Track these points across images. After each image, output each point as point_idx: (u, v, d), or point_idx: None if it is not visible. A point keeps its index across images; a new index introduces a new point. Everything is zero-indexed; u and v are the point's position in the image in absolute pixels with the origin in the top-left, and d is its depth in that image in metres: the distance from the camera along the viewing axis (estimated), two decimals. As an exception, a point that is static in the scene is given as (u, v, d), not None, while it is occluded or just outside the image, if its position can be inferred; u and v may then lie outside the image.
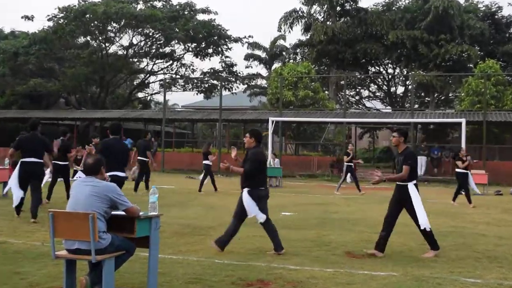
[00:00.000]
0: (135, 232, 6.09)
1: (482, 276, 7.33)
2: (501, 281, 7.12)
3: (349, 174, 20.75)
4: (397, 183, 8.67)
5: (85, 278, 5.91)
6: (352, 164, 20.57)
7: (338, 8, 41.25)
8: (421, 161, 28.99)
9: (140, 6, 42.64)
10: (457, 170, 17.47)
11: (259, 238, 9.77)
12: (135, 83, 51.67)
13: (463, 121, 25.67)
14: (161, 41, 43.46)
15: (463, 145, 24.02)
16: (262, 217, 8.46)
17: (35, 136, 11.64)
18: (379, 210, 14.78)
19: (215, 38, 43.09)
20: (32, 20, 42.21)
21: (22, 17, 41.70)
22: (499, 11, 41.36)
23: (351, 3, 40.79)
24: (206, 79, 45.58)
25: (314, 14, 42.35)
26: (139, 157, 18.53)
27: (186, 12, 42.14)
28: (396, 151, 9.11)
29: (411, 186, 8.51)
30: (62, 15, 40.34)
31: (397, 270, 7.55)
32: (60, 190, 14.37)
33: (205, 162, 19.42)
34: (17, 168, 11.61)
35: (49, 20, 41.03)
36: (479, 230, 11.40)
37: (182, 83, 45.46)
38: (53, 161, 13.43)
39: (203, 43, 43.73)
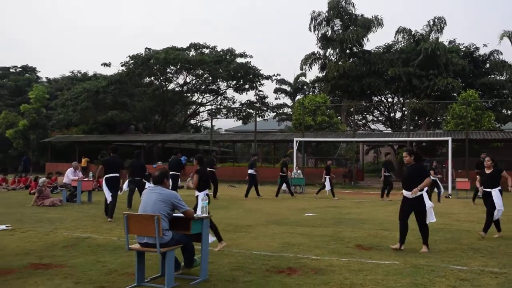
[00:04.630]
0: (191, 230, 6.15)
1: (467, 264, 7.18)
2: (483, 267, 6.97)
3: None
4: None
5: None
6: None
7: (348, 51, 41.12)
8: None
9: (192, 53, 43.14)
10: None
11: (288, 234, 9.75)
12: (188, 112, 52.19)
13: (449, 139, 25.22)
14: (209, 80, 43.86)
15: (450, 158, 23.61)
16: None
17: (115, 158, 12.50)
18: (384, 211, 14.63)
19: (251, 76, 43.30)
20: (110, 66, 43.11)
21: (101, 64, 42.74)
22: (476, 50, 40.71)
23: (358, 46, 40.60)
24: (243, 108, 45.79)
25: (329, 56, 42.30)
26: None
27: (228, 57, 42.46)
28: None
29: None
30: (132, 61, 41.06)
31: (398, 259, 7.45)
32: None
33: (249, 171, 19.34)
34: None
35: (122, 65, 41.85)
36: (464, 227, 11.17)
37: (225, 112, 45.74)
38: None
39: (241, 81, 43.99)
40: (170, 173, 16.50)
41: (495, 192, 9.49)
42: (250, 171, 19.30)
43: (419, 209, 8.03)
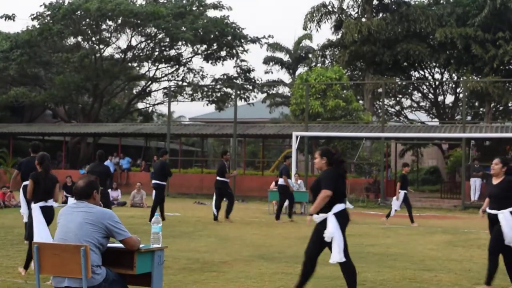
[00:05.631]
0: (135, 268, 6.09)
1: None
2: None
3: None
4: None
5: None
6: None
7: (375, 2, 41.27)
8: (475, 183, 28.80)
9: (141, 1, 42.95)
10: None
11: (283, 275, 9.77)
12: (134, 91, 51.90)
13: (525, 135, 25.46)
14: (165, 43, 43.62)
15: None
16: None
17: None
18: (424, 242, 14.72)
19: (229, 38, 43.14)
20: (14, 20, 42.59)
21: (1, 17, 42.15)
22: None
23: (390, -5, 40.90)
24: (218, 87, 45.66)
25: (347, 9, 42.39)
26: (154, 181, 18.90)
27: (194, 8, 42.29)
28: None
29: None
30: (49, 13, 40.67)
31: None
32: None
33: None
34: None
35: (33, 19, 41.32)
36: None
37: (190, 92, 45.56)
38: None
39: (214, 45, 43.78)
40: (155, 182, 18.50)
41: (502, 216, 8.78)
42: (281, 181, 20.09)
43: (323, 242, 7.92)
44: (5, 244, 12.28)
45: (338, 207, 7.74)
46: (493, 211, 8.82)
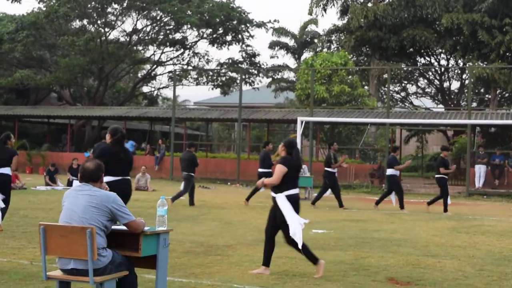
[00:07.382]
0: (140, 251, 6.11)
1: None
2: None
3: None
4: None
5: None
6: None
7: (381, -13, 41.10)
8: (480, 170, 28.79)
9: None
10: None
11: (287, 259, 9.80)
12: (139, 75, 51.87)
13: (531, 123, 25.40)
14: (171, 26, 43.55)
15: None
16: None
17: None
18: (428, 228, 14.75)
19: (234, 22, 43.08)
20: (20, 2, 42.57)
21: (7, -1, 42.14)
22: None
23: (397, -20, 40.65)
24: (223, 71, 45.61)
25: (353, -6, 42.25)
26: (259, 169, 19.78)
27: (200, -8, 42.26)
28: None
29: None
30: (55, -5, 40.68)
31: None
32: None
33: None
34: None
35: (40, 1, 41.37)
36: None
37: (195, 76, 45.51)
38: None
39: (220, 29, 43.72)
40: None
41: (278, 200, 8.70)
42: (390, 171, 19.49)
43: None
44: (11, 226, 12.36)
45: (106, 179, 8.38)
46: (272, 193, 8.83)
